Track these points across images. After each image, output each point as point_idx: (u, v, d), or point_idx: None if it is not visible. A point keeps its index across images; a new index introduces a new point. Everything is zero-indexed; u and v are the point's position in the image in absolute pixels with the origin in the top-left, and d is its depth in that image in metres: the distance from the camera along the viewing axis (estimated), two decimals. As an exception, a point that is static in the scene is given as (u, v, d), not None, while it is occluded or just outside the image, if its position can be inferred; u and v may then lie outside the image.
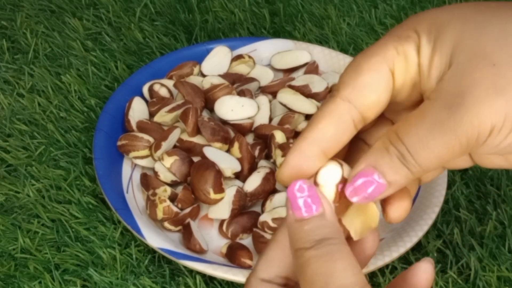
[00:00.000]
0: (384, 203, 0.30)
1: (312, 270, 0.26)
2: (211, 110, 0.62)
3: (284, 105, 0.62)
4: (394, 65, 0.29)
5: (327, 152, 0.29)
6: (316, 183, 0.29)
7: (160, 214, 0.53)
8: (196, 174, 0.55)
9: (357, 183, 0.28)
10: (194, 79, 0.66)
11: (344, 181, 0.29)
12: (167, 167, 0.56)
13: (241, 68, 0.69)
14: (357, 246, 0.30)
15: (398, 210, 0.30)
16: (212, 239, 0.55)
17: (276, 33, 0.76)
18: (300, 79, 0.66)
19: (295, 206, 0.28)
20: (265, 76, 0.68)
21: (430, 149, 0.27)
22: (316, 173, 0.29)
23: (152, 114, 0.63)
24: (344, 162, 0.30)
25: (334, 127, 0.29)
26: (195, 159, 0.58)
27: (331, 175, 0.29)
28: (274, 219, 0.53)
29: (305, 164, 0.29)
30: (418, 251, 0.54)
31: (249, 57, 0.69)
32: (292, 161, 0.29)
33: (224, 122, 0.61)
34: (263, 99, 0.63)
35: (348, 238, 0.29)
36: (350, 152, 0.33)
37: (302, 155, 0.29)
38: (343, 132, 0.29)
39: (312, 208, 0.28)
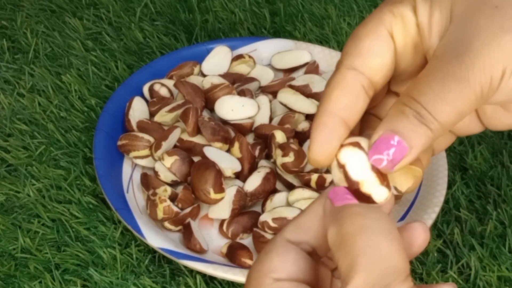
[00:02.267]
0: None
1: (366, 240, 0.24)
2: (212, 110, 0.62)
3: (285, 105, 0.62)
4: (392, 27, 0.29)
5: (347, 121, 0.29)
6: (356, 183, 0.28)
7: (160, 214, 0.53)
8: (196, 174, 0.55)
9: (379, 149, 0.27)
10: (194, 79, 0.66)
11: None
12: (167, 167, 0.56)
13: (241, 68, 0.69)
14: (405, 240, 0.28)
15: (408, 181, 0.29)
16: (212, 239, 0.55)
17: (277, 33, 0.76)
18: (300, 79, 0.66)
19: (336, 202, 0.27)
20: (265, 76, 0.68)
21: (447, 102, 0.26)
22: (345, 172, 0.28)
23: (152, 114, 0.63)
24: (359, 137, 0.29)
25: (347, 96, 0.29)
26: (196, 159, 0.58)
27: (360, 163, 0.28)
28: (274, 219, 0.53)
29: (331, 136, 0.28)
30: (418, 251, 0.54)
31: (250, 57, 0.69)
32: (319, 137, 0.28)
33: (225, 122, 0.61)
34: (264, 99, 0.63)
35: None
36: (363, 130, 0.33)
37: (326, 128, 0.28)
38: (357, 100, 0.29)
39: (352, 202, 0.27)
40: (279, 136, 0.58)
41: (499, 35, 0.26)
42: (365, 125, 0.33)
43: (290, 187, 0.57)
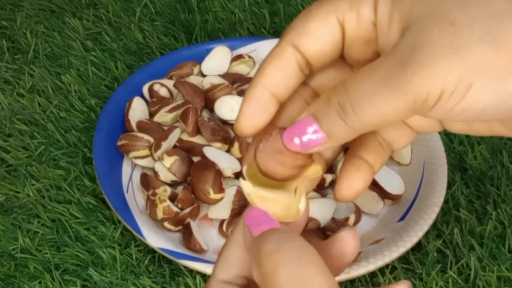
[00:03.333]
0: (337, 178, 0.29)
1: (285, 275, 0.24)
2: (211, 110, 0.62)
3: (284, 105, 0.62)
4: (344, 19, 0.29)
5: (278, 96, 0.29)
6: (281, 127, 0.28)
7: (160, 214, 0.53)
8: (196, 174, 0.55)
9: (295, 130, 0.27)
10: (194, 79, 0.66)
11: None
12: (167, 167, 0.56)
13: (241, 68, 0.69)
14: (335, 251, 0.29)
15: (348, 189, 0.29)
16: (212, 239, 0.55)
17: (276, 33, 0.76)
18: (300, 79, 0.66)
19: (254, 229, 0.27)
20: (265, 76, 0.68)
21: (373, 104, 0.25)
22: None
23: (152, 114, 0.63)
24: None
25: (281, 71, 0.29)
26: (195, 159, 0.58)
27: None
28: (274, 219, 0.53)
29: (259, 110, 0.29)
30: (418, 251, 0.54)
31: (249, 57, 0.69)
32: (247, 110, 0.29)
33: (224, 122, 0.61)
34: (263, 99, 0.63)
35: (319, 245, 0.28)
36: None
37: (255, 102, 0.29)
38: (290, 76, 0.29)
39: (269, 225, 0.27)
40: (279, 136, 0.58)
41: (446, 54, 0.25)
42: None
43: (290, 187, 0.57)
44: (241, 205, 0.55)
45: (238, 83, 0.65)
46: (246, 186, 0.29)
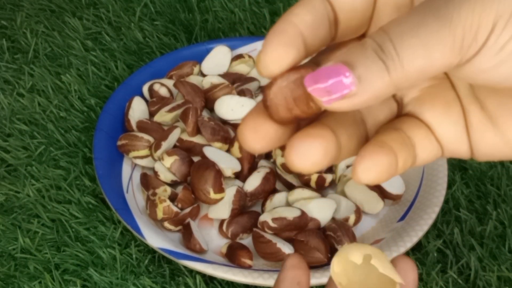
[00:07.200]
0: (356, 156, 0.25)
1: None
2: (211, 109, 0.62)
3: (284, 105, 0.62)
4: None
5: (306, 40, 0.24)
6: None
7: (160, 214, 0.53)
8: (196, 174, 0.55)
9: (321, 73, 0.22)
10: (194, 79, 0.66)
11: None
12: (167, 167, 0.56)
13: (241, 67, 0.68)
14: None
15: (370, 166, 0.24)
16: (212, 239, 0.55)
17: (276, 33, 0.76)
18: (300, 78, 0.66)
19: None
20: (265, 76, 0.68)
21: (419, 37, 0.21)
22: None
23: (152, 114, 0.63)
24: None
25: (311, 15, 0.24)
26: (195, 159, 0.58)
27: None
28: (274, 219, 0.53)
29: (289, 43, 0.23)
30: (418, 251, 0.54)
31: (249, 56, 0.69)
32: (274, 40, 0.23)
33: (224, 122, 0.61)
34: (263, 99, 0.63)
35: None
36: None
37: (284, 34, 0.24)
38: (319, 24, 0.24)
39: None
40: (279, 136, 0.58)
41: None
42: None
43: (289, 187, 0.57)
44: (241, 205, 0.55)
45: (238, 83, 0.65)
46: (337, 279, 0.28)
